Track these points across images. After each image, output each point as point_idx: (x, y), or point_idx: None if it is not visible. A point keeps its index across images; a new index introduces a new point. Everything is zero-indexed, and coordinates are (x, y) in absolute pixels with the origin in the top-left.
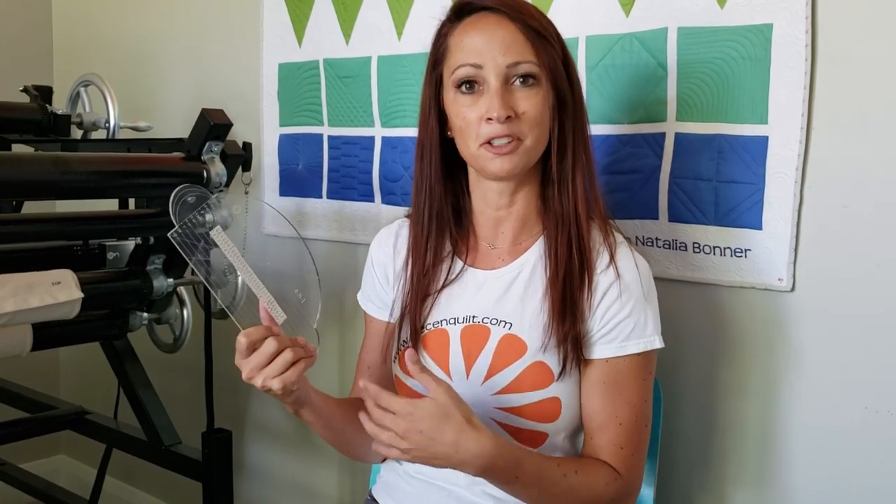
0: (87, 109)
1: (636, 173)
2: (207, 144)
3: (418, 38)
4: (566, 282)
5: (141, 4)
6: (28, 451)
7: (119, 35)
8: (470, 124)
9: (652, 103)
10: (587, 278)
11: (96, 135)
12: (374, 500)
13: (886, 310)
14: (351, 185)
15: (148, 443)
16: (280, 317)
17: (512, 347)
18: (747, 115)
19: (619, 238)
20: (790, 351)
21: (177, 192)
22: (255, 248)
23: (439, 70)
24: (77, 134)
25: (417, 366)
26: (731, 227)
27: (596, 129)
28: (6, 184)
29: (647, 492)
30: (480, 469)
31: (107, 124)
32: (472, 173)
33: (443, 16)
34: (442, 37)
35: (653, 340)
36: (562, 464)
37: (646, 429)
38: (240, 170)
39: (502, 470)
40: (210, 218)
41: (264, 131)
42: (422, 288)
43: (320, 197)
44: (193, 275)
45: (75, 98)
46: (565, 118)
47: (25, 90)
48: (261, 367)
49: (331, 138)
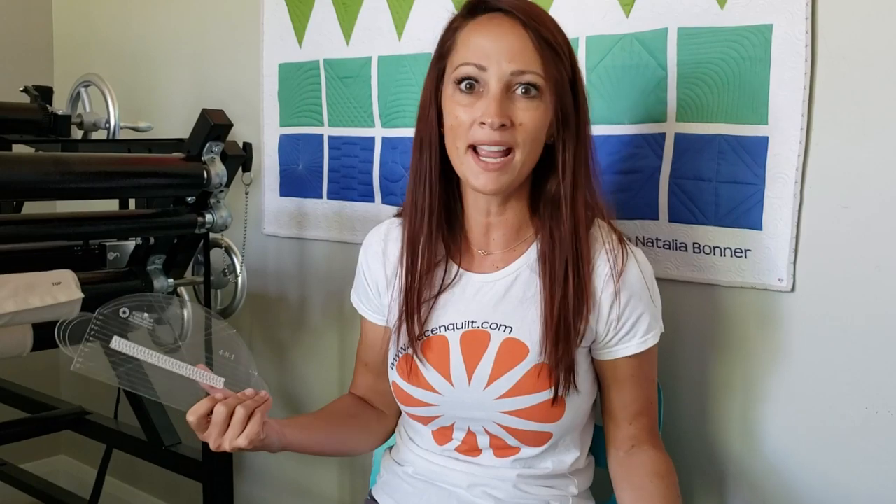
0: (88, 110)
1: (636, 173)
2: (208, 145)
3: (419, 39)
4: (562, 306)
5: (141, 5)
6: (28, 451)
7: (119, 35)
8: (461, 124)
9: (652, 103)
10: (585, 296)
11: (97, 135)
12: (373, 500)
13: (886, 310)
14: (351, 185)
15: (148, 443)
16: (219, 382)
17: (513, 351)
18: (747, 115)
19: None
20: (790, 351)
21: (58, 328)
22: (255, 248)
23: (443, 64)
24: (77, 134)
25: None
26: (732, 227)
27: (596, 130)
28: (6, 184)
29: None
30: None
31: (107, 125)
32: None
33: (455, 9)
34: (451, 30)
35: (659, 330)
36: None
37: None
38: (240, 170)
39: None
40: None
41: (264, 132)
42: (418, 292)
43: (320, 197)
44: (194, 275)
45: (75, 98)
46: (567, 136)
47: (26, 90)
48: (222, 434)
49: (331, 138)
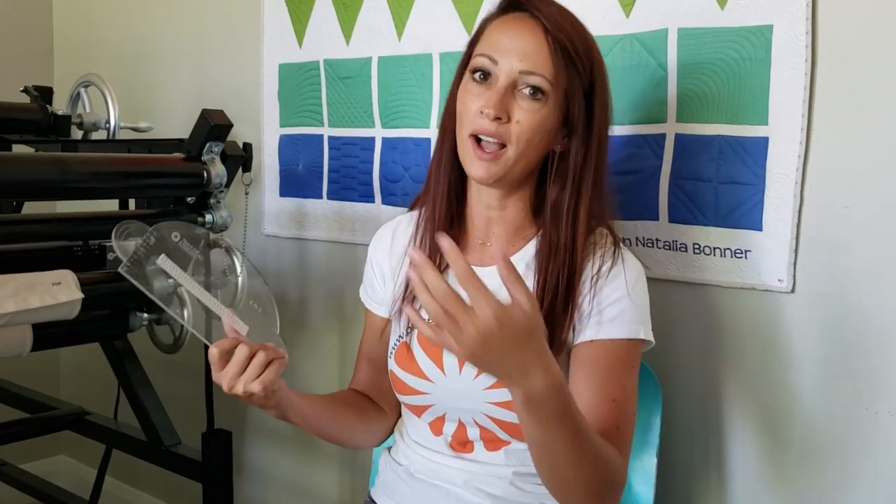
0: (88, 110)
1: (637, 174)
2: (208, 145)
3: (419, 39)
4: (548, 314)
5: (141, 5)
6: (28, 451)
7: (119, 35)
8: (467, 111)
9: (652, 104)
10: (573, 305)
11: (97, 135)
12: (373, 501)
13: (886, 311)
14: (351, 185)
15: (148, 443)
16: (243, 328)
17: None
18: (748, 115)
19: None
20: (790, 352)
21: (119, 225)
22: (254, 248)
23: (469, 53)
24: (77, 134)
25: (505, 263)
26: (732, 227)
27: None
28: (6, 184)
29: (647, 492)
30: (533, 401)
31: (107, 125)
32: None
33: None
34: (483, 23)
35: (636, 330)
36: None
37: (634, 419)
38: (240, 170)
39: (552, 406)
40: (171, 240)
41: (265, 132)
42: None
43: (320, 197)
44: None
45: (76, 98)
46: (575, 145)
47: (26, 90)
48: (238, 374)
49: (331, 139)
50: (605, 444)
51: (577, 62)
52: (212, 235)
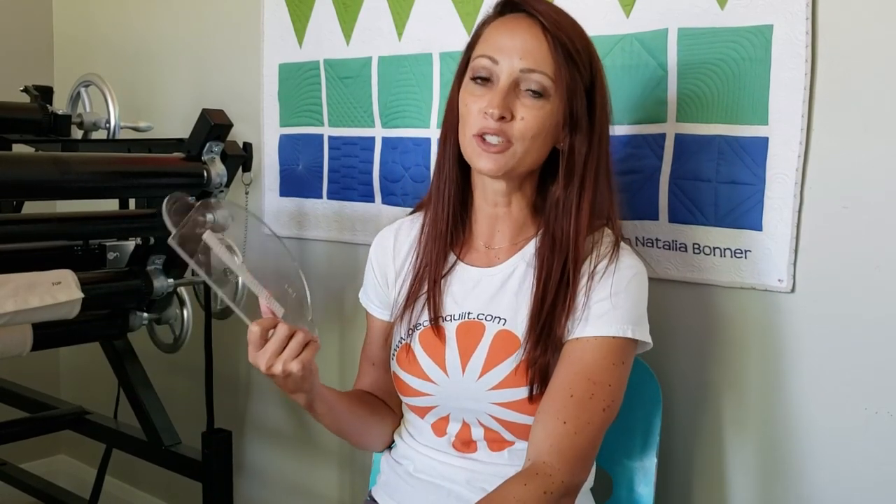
0: (88, 109)
1: (636, 174)
2: (208, 145)
3: (419, 39)
4: (551, 306)
5: (142, 4)
6: (28, 451)
7: (119, 35)
8: (470, 113)
9: (652, 104)
10: (572, 300)
11: (97, 135)
12: (373, 500)
13: (886, 311)
14: (351, 185)
15: (148, 443)
16: (280, 311)
17: (506, 343)
18: (748, 115)
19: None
20: (790, 352)
21: (169, 197)
22: (255, 248)
23: (468, 55)
24: (77, 134)
25: None
26: (732, 227)
27: None
28: (6, 184)
29: (647, 492)
30: None
31: (107, 124)
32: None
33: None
34: (481, 25)
35: (623, 328)
36: None
37: (603, 413)
38: (240, 170)
39: None
40: (209, 218)
41: (265, 132)
42: (423, 279)
43: (320, 197)
44: (194, 275)
45: (76, 98)
46: (577, 142)
47: (26, 90)
48: (278, 353)
49: (331, 139)
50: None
51: (577, 59)
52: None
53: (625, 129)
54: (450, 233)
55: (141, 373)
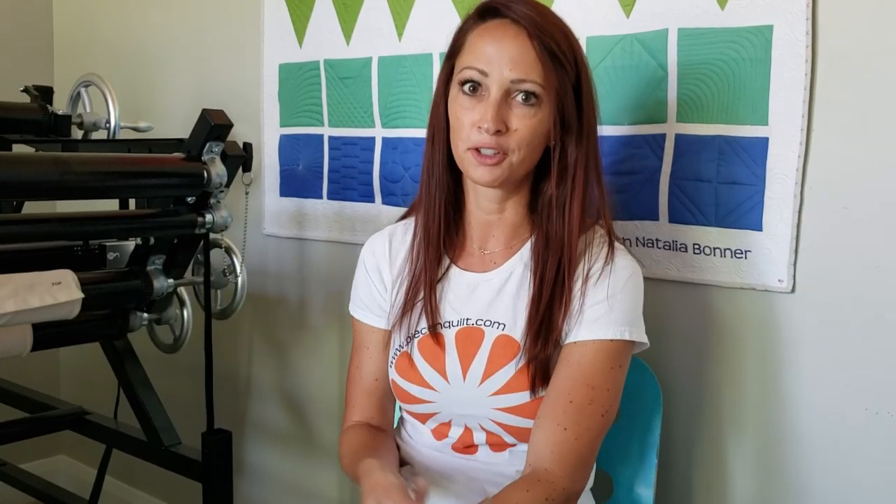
0: (88, 110)
1: (637, 174)
2: (208, 145)
3: (419, 39)
4: (548, 306)
5: (142, 4)
6: (28, 451)
7: (120, 35)
8: (463, 126)
9: (652, 104)
10: (568, 298)
11: (97, 135)
12: None
13: (886, 311)
14: (351, 185)
15: (148, 443)
16: None
17: (506, 348)
18: (748, 116)
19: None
20: (790, 352)
21: None
22: (254, 248)
23: (452, 63)
24: (77, 134)
25: None
26: (732, 228)
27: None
28: (6, 184)
29: (647, 492)
30: None
31: (107, 125)
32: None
33: (456, 11)
34: (462, 31)
35: (620, 331)
36: None
37: (602, 419)
38: (240, 170)
39: None
40: None
41: (265, 132)
42: (419, 286)
43: (321, 197)
44: (193, 275)
45: (76, 98)
46: (568, 143)
47: (26, 90)
48: None
49: (331, 139)
50: None
51: (563, 60)
52: (212, 235)
53: (625, 130)
54: (442, 238)
55: (141, 373)
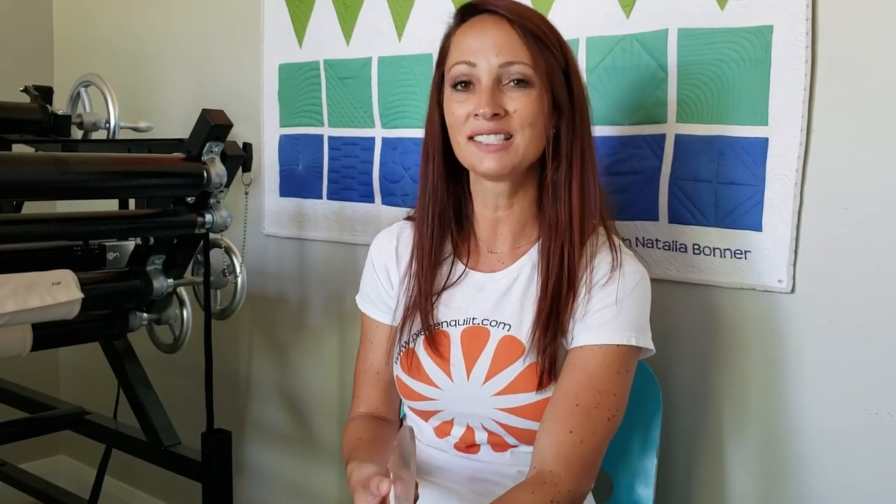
0: (88, 110)
1: (636, 174)
2: (208, 145)
3: (419, 39)
4: (555, 294)
5: (142, 5)
6: (28, 451)
7: (120, 35)
8: (458, 119)
9: (652, 105)
10: (573, 290)
11: (97, 135)
12: None
13: (886, 311)
14: (351, 185)
15: (147, 443)
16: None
17: (510, 349)
18: (747, 116)
19: (616, 242)
20: (790, 353)
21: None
22: (254, 248)
23: (441, 70)
24: (77, 134)
25: None
26: (731, 228)
27: (596, 131)
28: (6, 184)
29: (647, 492)
30: None
31: (107, 125)
32: (472, 175)
33: (451, 19)
34: (447, 37)
35: (626, 336)
36: None
37: (608, 423)
38: (240, 170)
39: None
40: None
41: (265, 132)
42: (425, 289)
43: (320, 198)
44: (193, 275)
45: (76, 98)
46: (562, 126)
47: (26, 90)
48: None
49: (331, 139)
50: None
51: (548, 44)
52: (212, 235)
53: (625, 130)
54: (434, 250)
55: (141, 373)
